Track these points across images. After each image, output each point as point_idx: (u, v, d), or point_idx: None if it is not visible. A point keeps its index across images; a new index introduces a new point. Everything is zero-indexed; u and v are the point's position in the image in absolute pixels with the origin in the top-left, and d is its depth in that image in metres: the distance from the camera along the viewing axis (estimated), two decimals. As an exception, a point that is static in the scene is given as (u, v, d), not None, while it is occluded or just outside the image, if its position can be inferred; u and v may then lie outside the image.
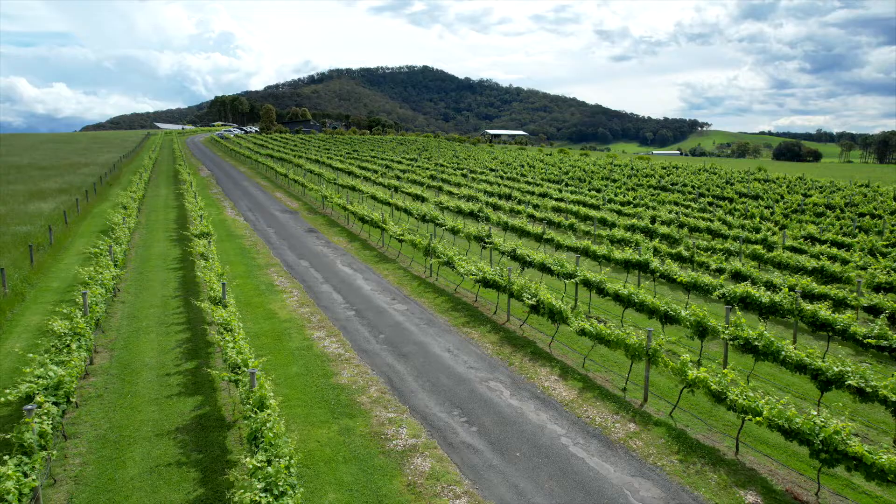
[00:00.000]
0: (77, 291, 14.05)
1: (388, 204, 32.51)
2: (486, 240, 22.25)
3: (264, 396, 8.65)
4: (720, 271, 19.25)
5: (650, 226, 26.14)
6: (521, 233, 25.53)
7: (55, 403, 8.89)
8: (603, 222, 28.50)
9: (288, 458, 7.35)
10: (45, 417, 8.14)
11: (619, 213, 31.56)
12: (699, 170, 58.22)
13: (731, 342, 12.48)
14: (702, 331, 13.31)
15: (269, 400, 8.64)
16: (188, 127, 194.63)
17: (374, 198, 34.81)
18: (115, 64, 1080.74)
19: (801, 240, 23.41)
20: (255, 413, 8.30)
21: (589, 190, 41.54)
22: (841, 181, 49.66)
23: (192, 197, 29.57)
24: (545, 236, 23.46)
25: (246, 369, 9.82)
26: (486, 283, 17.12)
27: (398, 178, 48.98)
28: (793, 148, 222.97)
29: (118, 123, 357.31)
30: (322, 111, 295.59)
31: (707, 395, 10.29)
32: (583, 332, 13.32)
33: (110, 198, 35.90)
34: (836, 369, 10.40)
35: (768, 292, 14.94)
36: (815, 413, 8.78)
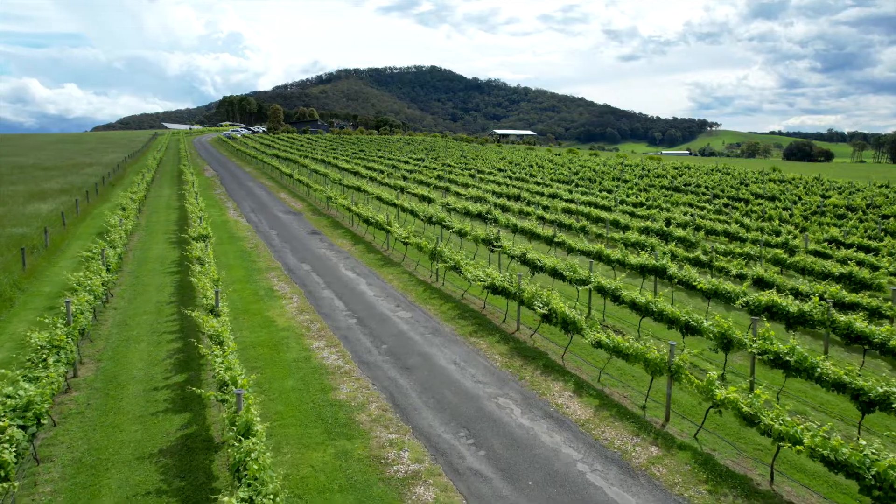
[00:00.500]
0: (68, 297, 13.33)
1: (394, 205, 31.70)
2: (495, 243, 21.37)
3: (250, 422, 7.83)
4: (741, 277, 18.29)
5: (665, 228, 25.17)
6: (531, 235, 24.64)
7: (22, 427, 8.11)
8: (615, 224, 27.56)
9: (273, 496, 6.53)
10: (6, 445, 7.36)
11: (632, 214, 30.58)
12: (712, 170, 57.06)
13: (759, 356, 11.56)
14: (726, 343, 12.39)
15: (256, 426, 7.81)
16: (195, 127, 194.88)
17: (379, 199, 34.00)
18: (124, 65, 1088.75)
19: (825, 244, 22.38)
20: (240, 441, 7.47)
21: (600, 191, 40.57)
22: (859, 182, 48.42)
23: (192, 198, 28.87)
24: (556, 239, 22.55)
25: (234, 388, 9.01)
26: (494, 289, 16.25)
27: (405, 178, 48.18)
28: (804, 148, 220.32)
29: (128, 124, 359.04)
30: (330, 111, 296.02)
31: (737, 417, 9.38)
32: (598, 345, 12.43)
33: (112, 199, 35.26)
34: (881, 389, 9.46)
35: (796, 301, 13.99)
36: (864, 442, 7.84)
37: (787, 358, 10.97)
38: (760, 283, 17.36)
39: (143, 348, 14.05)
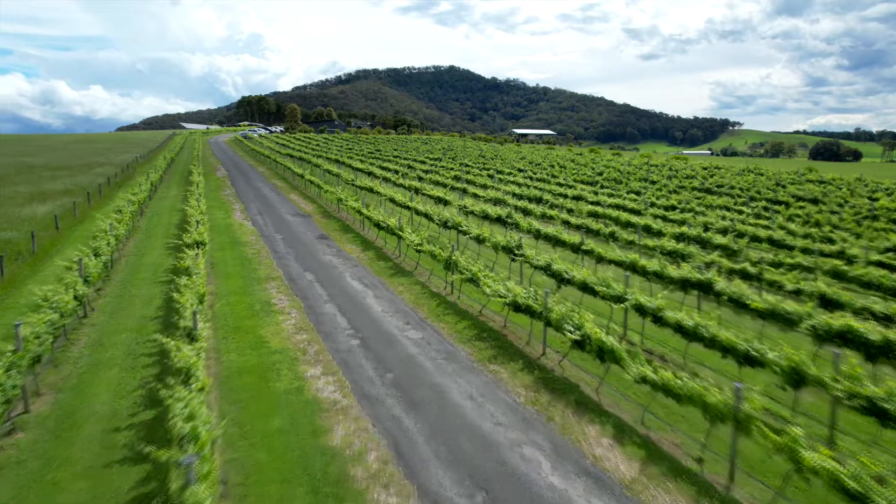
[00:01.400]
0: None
1: (408, 208, 29.77)
2: (517, 251, 19.33)
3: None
4: (798, 293, 16.05)
5: (703, 235, 22.94)
6: (556, 242, 22.54)
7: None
8: (647, 230, 25.34)
9: None
10: None
11: (664, 219, 28.33)
12: (743, 170, 54.28)
13: (845, 401, 9.40)
14: (797, 380, 10.26)
15: (206, 511, 5.91)
16: (213, 127, 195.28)
17: (392, 200, 32.09)
18: (148, 66, 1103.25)
19: (890, 253, 19.96)
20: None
21: (627, 193, 38.26)
22: (905, 183, 45.42)
23: (194, 200, 27.21)
24: (584, 247, 20.43)
25: (191, 447, 7.14)
26: (517, 307, 14.22)
27: (420, 179, 46.26)
28: (831, 147, 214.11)
29: (150, 124, 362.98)
30: (349, 111, 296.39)
31: (835, 490, 7.28)
32: (643, 381, 10.36)
33: (115, 200, 33.80)
34: None
35: (879, 327, 11.78)
36: None
37: (885, 405, 8.81)
38: (822, 301, 15.13)
39: (114, 375, 12.26)
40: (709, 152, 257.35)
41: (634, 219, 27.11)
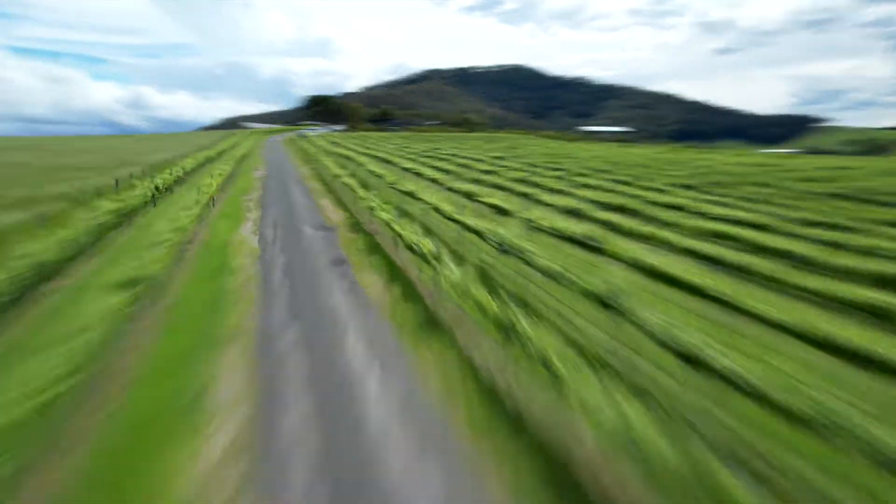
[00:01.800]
0: None
1: (455, 221, 22.82)
2: (616, 304, 12.05)
3: None
4: None
5: (890, 272, 14.91)
6: (666, 279, 15.10)
7: None
8: (789, 256, 17.43)
9: None
10: None
11: (813, 241, 20.14)
12: (884, 171, 44.15)
13: None
14: None
15: None
16: (275, 126, 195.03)
17: (437, 210, 25.24)
18: (225, 70, 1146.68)
19: None
20: None
21: (739, 199, 29.88)
22: None
23: (176, 210, 21.20)
24: (721, 297, 12.90)
25: None
26: (637, 447, 7.02)
27: (477, 181, 39.19)
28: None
29: (225, 125, 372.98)
30: (414, 111, 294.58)
31: None
32: None
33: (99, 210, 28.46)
34: None
35: None
36: None
37: None
38: None
39: None
40: (794, 151, 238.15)
41: (768, 240, 19.22)
